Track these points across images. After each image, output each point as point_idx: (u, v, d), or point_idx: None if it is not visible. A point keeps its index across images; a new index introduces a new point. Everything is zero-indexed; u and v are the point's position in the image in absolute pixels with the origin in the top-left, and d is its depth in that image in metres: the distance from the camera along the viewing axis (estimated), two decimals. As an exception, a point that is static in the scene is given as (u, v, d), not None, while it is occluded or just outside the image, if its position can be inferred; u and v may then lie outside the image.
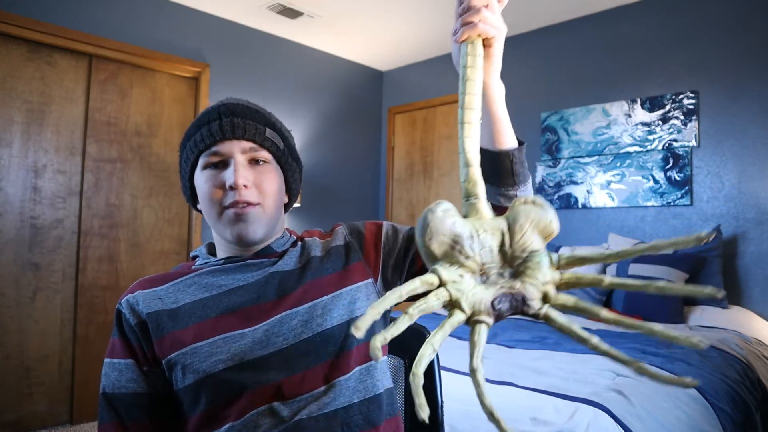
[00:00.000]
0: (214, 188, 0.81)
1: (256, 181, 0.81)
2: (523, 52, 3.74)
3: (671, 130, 3.01)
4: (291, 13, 3.51)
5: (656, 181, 3.05)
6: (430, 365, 1.03)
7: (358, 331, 0.44)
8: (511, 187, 0.75)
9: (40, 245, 2.82)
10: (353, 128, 4.42)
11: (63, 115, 2.93)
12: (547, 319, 0.54)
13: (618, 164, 3.21)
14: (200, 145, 0.82)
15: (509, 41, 3.80)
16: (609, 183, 3.24)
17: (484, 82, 0.67)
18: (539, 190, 3.55)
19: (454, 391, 1.53)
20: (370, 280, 0.86)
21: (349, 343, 0.80)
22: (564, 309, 0.55)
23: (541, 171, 3.55)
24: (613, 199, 3.22)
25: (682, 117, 2.98)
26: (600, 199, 3.28)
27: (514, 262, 0.55)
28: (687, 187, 2.94)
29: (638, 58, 3.18)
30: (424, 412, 0.43)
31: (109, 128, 3.10)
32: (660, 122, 3.06)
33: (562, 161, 3.45)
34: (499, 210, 0.76)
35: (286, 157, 0.87)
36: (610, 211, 3.25)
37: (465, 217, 0.59)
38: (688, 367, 1.75)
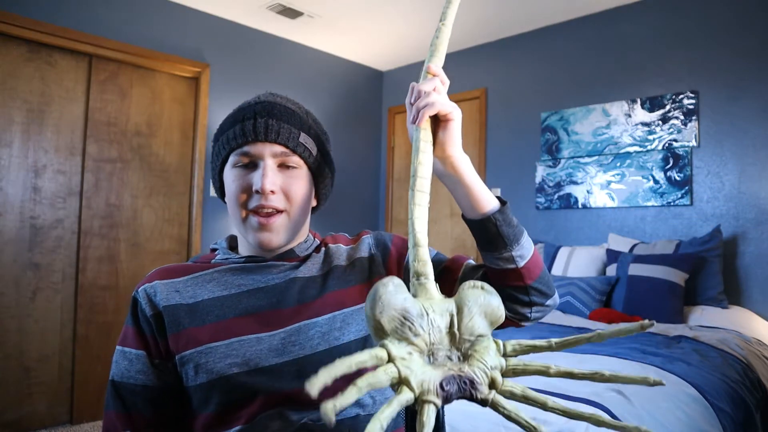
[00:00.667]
0: (241, 189, 0.80)
1: (284, 187, 0.80)
2: (523, 52, 3.74)
3: (671, 130, 3.01)
4: (291, 13, 3.51)
5: (656, 181, 3.05)
6: None
7: (312, 388, 0.44)
8: (504, 249, 0.74)
9: (40, 245, 2.82)
10: (353, 128, 4.42)
11: (63, 115, 2.93)
12: (495, 406, 0.54)
13: (618, 164, 3.21)
14: (232, 143, 0.80)
15: (509, 41, 3.81)
16: (609, 183, 3.24)
17: (450, 155, 0.72)
18: (539, 190, 3.55)
19: (454, 391, 1.53)
20: None
21: None
22: (511, 397, 0.54)
23: (541, 171, 3.55)
24: (613, 199, 3.22)
25: (682, 117, 2.98)
26: (600, 199, 3.28)
27: (461, 345, 0.56)
28: (687, 187, 2.94)
29: (638, 58, 3.18)
30: None
31: (109, 128, 3.10)
32: (660, 122, 3.06)
33: (562, 161, 3.45)
34: (497, 273, 0.75)
35: (318, 163, 0.85)
36: (610, 211, 3.25)
37: (414, 296, 0.59)
38: (688, 367, 1.75)
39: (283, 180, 0.80)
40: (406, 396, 0.52)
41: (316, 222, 3.99)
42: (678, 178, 2.97)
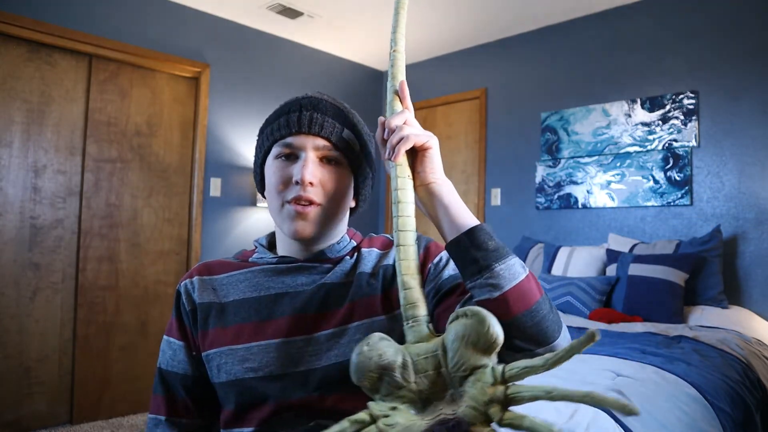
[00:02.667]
0: (281, 180, 0.80)
1: (323, 180, 0.80)
2: (523, 52, 3.74)
3: (671, 130, 3.01)
4: (291, 13, 3.51)
5: (656, 181, 3.05)
6: None
7: None
8: (476, 276, 0.65)
9: (40, 245, 2.82)
10: (353, 128, 4.42)
11: (63, 115, 2.93)
12: None
13: (618, 164, 3.21)
14: (276, 134, 0.81)
15: (509, 41, 3.80)
16: (609, 183, 3.24)
17: (432, 181, 0.72)
18: (539, 190, 3.55)
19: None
20: (383, 317, 0.81)
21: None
22: (516, 428, 0.49)
23: (541, 171, 3.55)
24: (613, 199, 3.22)
25: (682, 117, 2.98)
26: (600, 199, 3.28)
27: (456, 384, 0.52)
28: (687, 187, 2.94)
29: (638, 58, 3.18)
30: None
31: (109, 128, 3.10)
32: (660, 122, 3.06)
33: (562, 161, 3.45)
34: (484, 304, 0.66)
35: (360, 161, 0.85)
36: (610, 211, 3.25)
37: (406, 341, 0.57)
38: (688, 367, 1.75)
39: (322, 174, 0.80)
40: None
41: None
42: (678, 178, 2.97)
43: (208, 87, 3.48)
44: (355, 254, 0.86)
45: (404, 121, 0.71)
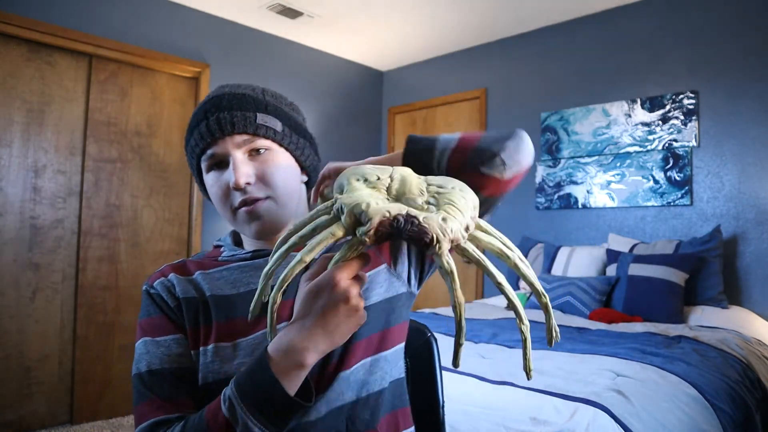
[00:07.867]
0: (221, 191, 0.79)
1: (259, 174, 0.78)
2: (523, 52, 3.74)
3: (671, 130, 3.01)
4: (291, 13, 3.51)
5: (656, 181, 3.05)
6: (431, 364, 1.03)
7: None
8: (431, 153, 0.75)
9: (40, 245, 2.82)
10: (353, 128, 4.42)
11: (63, 115, 2.93)
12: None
13: (618, 164, 3.21)
14: (196, 150, 0.80)
15: (509, 41, 3.80)
16: (609, 183, 3.24)
17: None
18: (539, 190, 3.54)
19: (454, 391, 1.53)
20: (383, 266, 0.83)
21: (357, 335, 0.77)
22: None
23: (541, 171, 3.55)
24: (613, 199, 3.22)
25: (682, 117, 2.98)
26: (600, 199, 3.28)
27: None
28: (687, 187, 2.94)
29: (638, 58, 3.18)
30: None
31: (109, 128, 3.10)
32: (660, 122, 3.06)
33: (562, 161, 3.45)
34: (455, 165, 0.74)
35: (289, 137, 0.83)
36: (610, 211, 3.25)
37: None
38: (688, 366, 1.75)
39: (256, 167, 0.79)
40: None
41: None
42: (678, 178, 2.97)
43: (208, 87, 3.48)
44: None
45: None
